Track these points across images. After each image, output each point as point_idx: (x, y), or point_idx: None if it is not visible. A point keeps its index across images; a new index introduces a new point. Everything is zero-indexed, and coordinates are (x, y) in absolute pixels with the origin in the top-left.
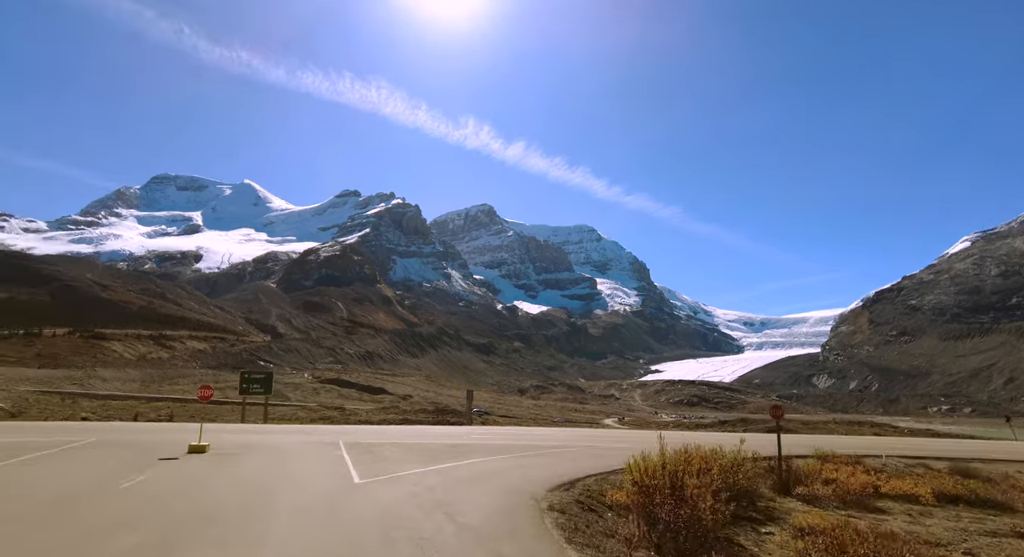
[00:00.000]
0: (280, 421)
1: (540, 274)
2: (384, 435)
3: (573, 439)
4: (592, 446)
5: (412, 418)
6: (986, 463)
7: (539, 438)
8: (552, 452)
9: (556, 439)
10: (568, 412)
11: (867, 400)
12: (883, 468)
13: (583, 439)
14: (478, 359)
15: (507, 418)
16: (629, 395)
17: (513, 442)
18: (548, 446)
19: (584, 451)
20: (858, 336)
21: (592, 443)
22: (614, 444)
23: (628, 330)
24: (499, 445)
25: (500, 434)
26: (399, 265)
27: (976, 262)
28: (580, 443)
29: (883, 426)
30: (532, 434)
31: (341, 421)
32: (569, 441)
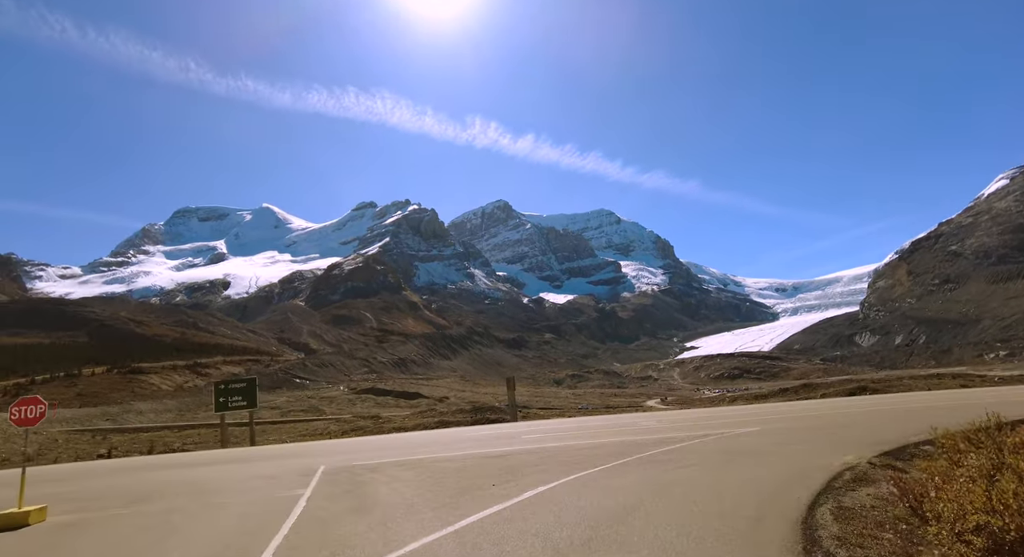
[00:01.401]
0: (304, 437)
1: (563, 263)
2: (403, 448)
3: (663, 428)
4: (704, 436)
5: (450, 420)
6: None
7: (608, 430)
8: (665, 455)
9: (635, 429)
10: (608, 398)
11: (916, 354)
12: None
13: (674, 427)
14: (510, 355)
15: (548, 410)
16: (667, 375)
17: (581, 441)
18: (638, 442)
19: (712, 446)
20: (898, 289)
21: (695, 432)
22: (725, 429)
23: (658, 309)
24: (565, 449)
25: (555, 430)
26: (422, 270)
27: (1017, 199)
28: (680, 432)
29: (967, 377)
30: (593, 427)
31: (374, 431)
32: (657, 431)
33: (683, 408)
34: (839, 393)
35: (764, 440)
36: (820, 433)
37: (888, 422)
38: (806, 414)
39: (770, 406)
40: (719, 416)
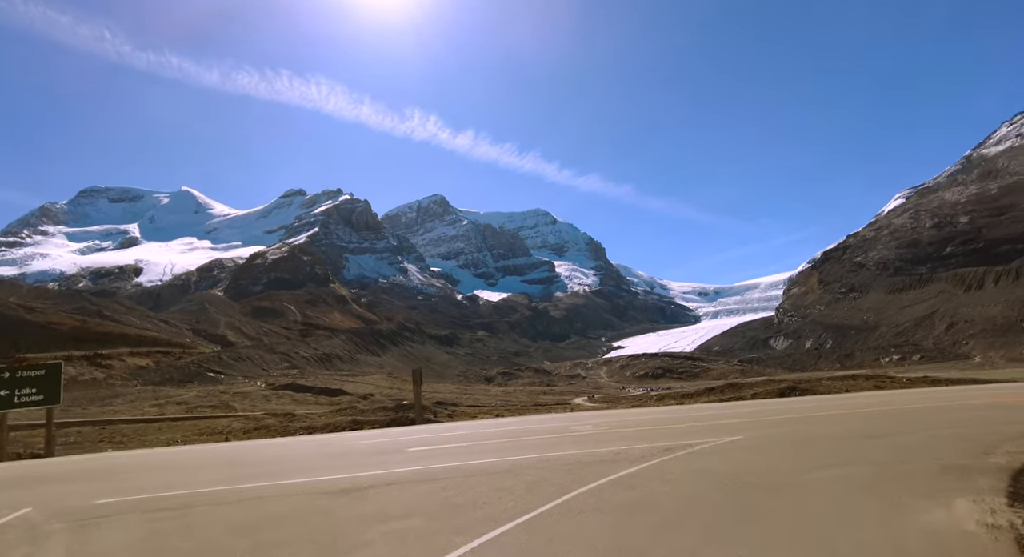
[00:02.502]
0: (201, 436)
1: (498, 261)
2: (223, 468)
3: (605, 436)
4: (667, 449)
5: (366, 419)
6: None
7: (533, 440)
8: (631, 492)
9: (568, 438)
10: (537, 395)
11: (824, 357)
12: None
13: (618, 435)
14: (442, 351)
15: (476, 408)
16: (595, 373)
17: (491, 459)
18: (576, 461)
19: (693, 472)
20: (810, 296)
21: (652, 442)
22: (689, 438)
23: (589, 309)
24: (460, 476)
25: (464, 439)
26: (352, 263)
27: (912, 216)
28: (630, 443)
29: (879, 378)
30: (515, 433)
31: (279, 430)
32: (599, 441)
33: (610, 406)
34: (769, 393)
35: (764, 460)
36: (839, 447)
37: (910, 428)
38: (781, 418)
39: (717, 407)
40: (666, 420)
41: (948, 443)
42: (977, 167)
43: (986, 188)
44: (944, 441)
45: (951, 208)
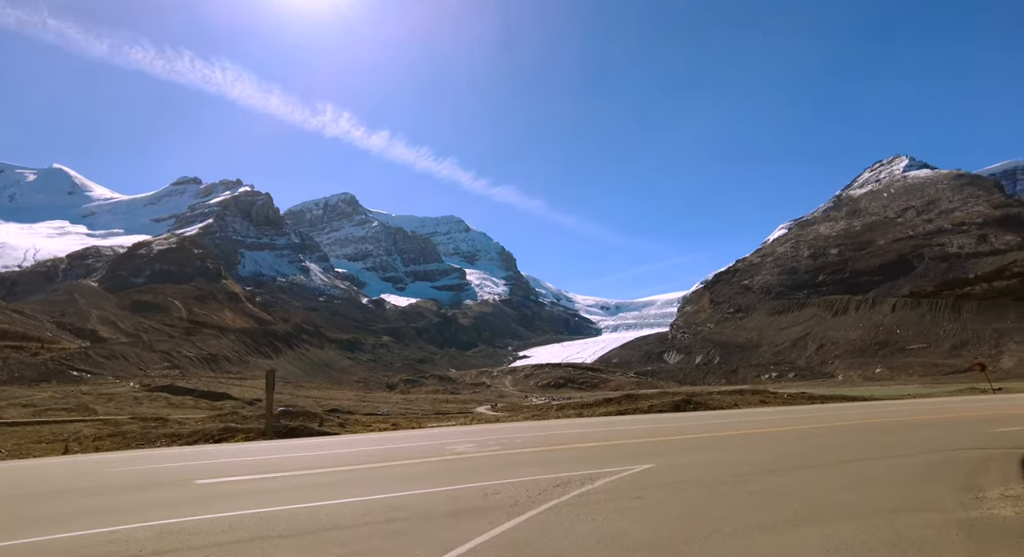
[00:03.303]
0: (38, 443)
1: (408, 266)
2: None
3: (483, 460)
4: (560, 484)
5: (241, 427)
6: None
7: (393, 470)
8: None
9: (437, 465)
10: (440, 403)
11: (711, 372)
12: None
13: (501, 459)
14: (342, 356)
15: (372, 416)
16: (500, 382)
17: (315, 504)
18: (418, 512)
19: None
20: (701, 315)
21: (540, 472)
22: (587, 467)
23: (497, 318)
24: (248, 533)
25: (324, 462)
26: (248, 258)
27: (792, 246)
28: (510, 473)
29: (764, 393)
30: (380, 454)
31: (139, 439)
32: (471, 470)
33: (512, 415)
34: (664, 405)
35: (695, 511)
36: (785, 485)
37: (853, 453)
38: (692, 440)
39: (620, 422)
40: (565, 438)
41: (923, 473)
42: (845, 206)
43: (852, 225)
44: (916, 470)
45: (824, 240)
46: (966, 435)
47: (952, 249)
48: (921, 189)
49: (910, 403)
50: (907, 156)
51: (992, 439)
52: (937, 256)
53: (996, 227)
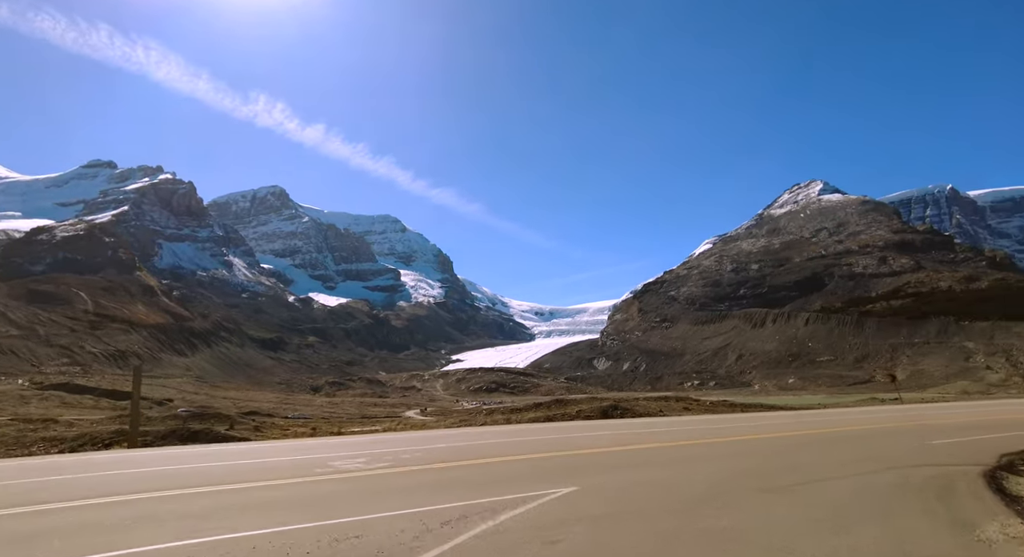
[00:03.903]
0: None
1: (340, 264)
2: None
3: (362, 480)
4: (446, 524)
5: (138, 430)
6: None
7: (231, 497)
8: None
9: (298, 490)
10: (367, 407)
11: (638, 379)
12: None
13: (388, 485)
14: (264, 356)
15: (291, 420)
16: (431, 385)
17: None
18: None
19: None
20: (630, 323)
21: (426, 501)
22: (489, 492)
23: (431, 321)
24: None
25: (160, 482)
26: (166, 250)
27: (716, 260)
28: (386, 502)
29: (687, 399)
30: (242, 470)
31: (8, 444)
32: (337, 494)
33: (441, 419)
34: (593, 410)
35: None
36: (742, 517)
37: (809, 470)
38: (622, 453)
39: (546, 430)
40: (483, 448)
41: (896, 500)
42: (767, 224)
43: (771, 243)
44: (885, 495)
45: (746, 256)
46: (908, 448)
47: (858, 269)
48: (833, 212)
49: (832, 413)
50: (822, 181)
51: (935, 453)
52: (845, 275)
53: (894, 250)
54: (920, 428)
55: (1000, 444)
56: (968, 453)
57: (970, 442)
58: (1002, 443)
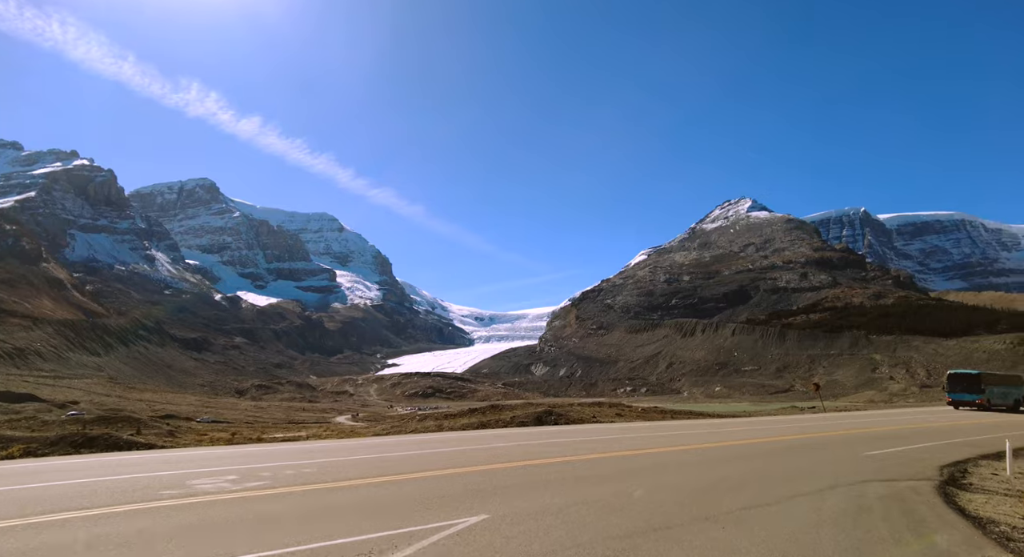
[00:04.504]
0: None
1: (271, 263)
2: None
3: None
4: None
5: (25, 436)
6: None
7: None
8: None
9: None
10: (295, 412)
11: (573, 384)
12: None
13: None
14: (186, 357)
15: (215, 424)
16: (364, 390)
17: None
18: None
19: None
20: (567, 330)
21: (292, 530)
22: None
23: (367, 324)
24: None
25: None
26: (80, 241)
27: (651, 270)
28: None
29: (620, 406)
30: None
31: None
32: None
33: (372, 424)
34: (527, 417)
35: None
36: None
37: (775, 489)
38: (552, 466)
39: (474, 439)
40: (387, 462)
41: (859, 530)
42: (699, 238)
43: (703, 256)
44: (845, 525)
45: (679, 268)
46: (846, 460)
47: (781, 283)
48: (760, 229)
49: (761, 422)
50: (751, 198)
51: (875, 465)
52: (769, 289)
53: (814, 267)
54: (848, 438)
55: (931, 455)
56: (905, 465)
57: (901, 453)
58: (932, 453)
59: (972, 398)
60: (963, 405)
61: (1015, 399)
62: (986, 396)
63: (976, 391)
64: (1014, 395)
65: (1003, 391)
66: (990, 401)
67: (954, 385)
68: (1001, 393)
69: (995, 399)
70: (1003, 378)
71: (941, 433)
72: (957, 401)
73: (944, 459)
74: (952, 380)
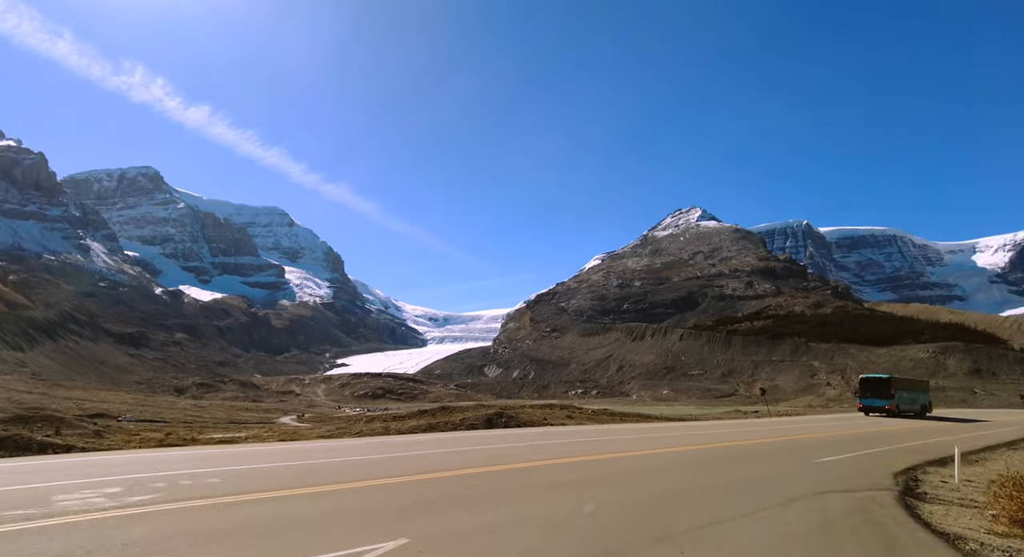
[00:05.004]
0: None
1: (217, 257)
2: None
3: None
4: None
5: None
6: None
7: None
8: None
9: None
10: (238, 411)
11: (526, 386)
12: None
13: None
14: (122, 353)
15: (150, 423)
16: (312, 390)
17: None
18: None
19: None
20: (521, 332)
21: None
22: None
23: (317, 323)
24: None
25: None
26: (5, 228)
27: (604, 275)
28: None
29: (570, 407)
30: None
31: None
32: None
33: (317, 425)
34: (478, 419)
35: None
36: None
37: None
38: (496, 475)
39: (411, 443)
40: (312, 471)
41: (835, 548)
42: (650, 245)
43: (654, 262)
44: (820, 539)
45: (631, 273)
46: (800, 468)
47: (728, 291)
48: (709, 238)
49: (708, 426)
50: (701, 208)
51: (830, 474)
52: (716, 296)
53: (759, 276)
54: (796, 444)
55: (880, 461)
56: (860, 474)
57: (851, 460)
58: (881, 460)
59: (882, 403)
60: (873, 411)
61: (922, 405)
62: (895, 401)
63: (886, 396)
64: (921, 401)
65: (911, 396)
66: (899, 407)
67: (865, 390)
68: (909, 398)
69: (904, 405)
70: (911, 383)
71: (882, 438)
72: (867, 407)
73: (894, 466)
74: (864, 384)
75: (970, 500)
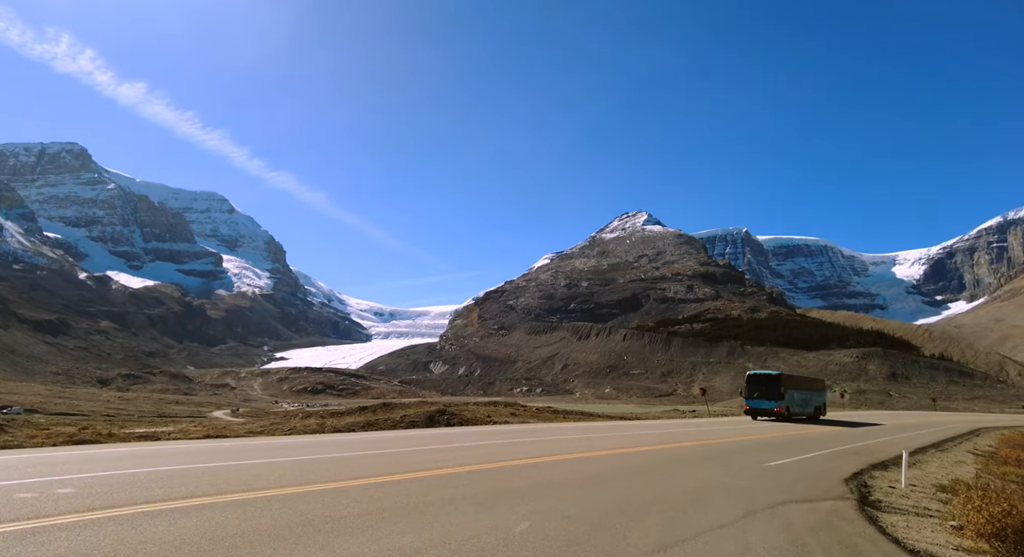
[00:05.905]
0: None
1: (150, 242)
2: None
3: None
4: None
5: None
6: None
7: None
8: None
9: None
10: (167, 405)
11: (472, 383)
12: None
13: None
14: (38, 341)
15: (66, 417)
16: (248, 384)
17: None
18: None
19: None
20: (469, 329)
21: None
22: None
23: (255, 314)
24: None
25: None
26: None
27: (552, 275)
28: None
29: (515, 405)
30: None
31: None
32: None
33: (251, 420)
34: (419, 416)
35: None
36: None
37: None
38: (429, 475)
39: (346, 443)
40: (230, 474)
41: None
42: (598, 246)
43: (601, 263)
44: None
45: (578, 274)
46: (751, 474)
47: (670, 294)
48: (653, 242)
49: (652, 426)
50: (647, 212)
51: (783, 481)
52: (659, 298)
53: (700, 280)
54: (740, 445)
55: (827, 466)
56: (812, 481)
57: (799, 464)
58: (828, 465)
59: (771, 406)
60: (761, 415)
61: (815, 407)
62: (786, 403)
63: (775, 397)
64: (815, 402)
65: (804, 397)
66: (789, 409)
67: (752, 389)
68: (802, 400)
69: (795, 407)
70: (805, 381)
71: (818, 441)
72: (755, 409)
73: (842, 471)
74: (751, 382)
75: (923, 508)
